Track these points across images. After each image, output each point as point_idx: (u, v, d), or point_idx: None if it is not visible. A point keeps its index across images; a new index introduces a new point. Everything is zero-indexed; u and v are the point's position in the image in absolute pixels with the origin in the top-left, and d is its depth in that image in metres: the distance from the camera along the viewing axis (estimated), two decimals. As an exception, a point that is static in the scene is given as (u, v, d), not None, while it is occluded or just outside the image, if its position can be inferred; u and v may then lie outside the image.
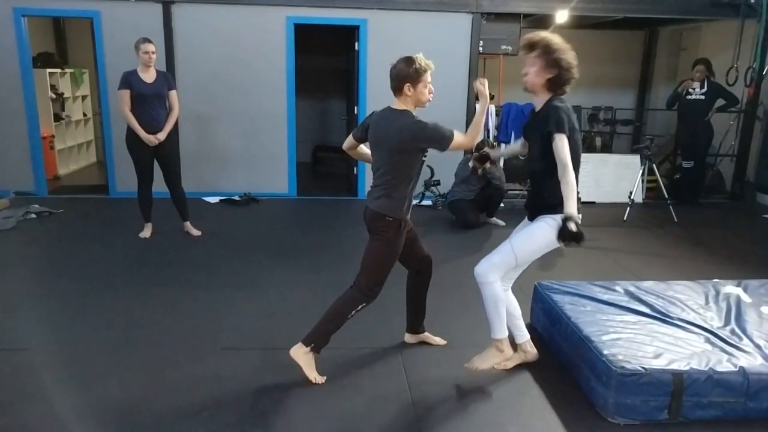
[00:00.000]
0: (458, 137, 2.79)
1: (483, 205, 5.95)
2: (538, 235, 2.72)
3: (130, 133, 4.93)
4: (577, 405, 2.74)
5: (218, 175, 6.84)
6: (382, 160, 2.86)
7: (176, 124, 5.15)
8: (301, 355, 2.87)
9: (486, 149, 5.83)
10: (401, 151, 2.79)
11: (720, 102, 6.94)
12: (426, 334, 3.32)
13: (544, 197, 2.71)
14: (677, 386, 2.53)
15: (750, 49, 6.84)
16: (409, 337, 3.32)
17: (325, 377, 2.89)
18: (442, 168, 6.29)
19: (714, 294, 3.46)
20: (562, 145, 2.54)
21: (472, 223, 5.84)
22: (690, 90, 6.94)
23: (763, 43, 6.77)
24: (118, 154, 6.26)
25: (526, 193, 7.08)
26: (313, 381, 2.85)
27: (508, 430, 2.58)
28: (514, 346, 3.03)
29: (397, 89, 2.82)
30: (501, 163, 6.91)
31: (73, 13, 6.64)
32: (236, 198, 6.65)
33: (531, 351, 3.09)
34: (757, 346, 2.80)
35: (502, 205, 6.22)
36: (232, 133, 6.79)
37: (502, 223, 6.00)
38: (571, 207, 2.49)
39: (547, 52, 2.63)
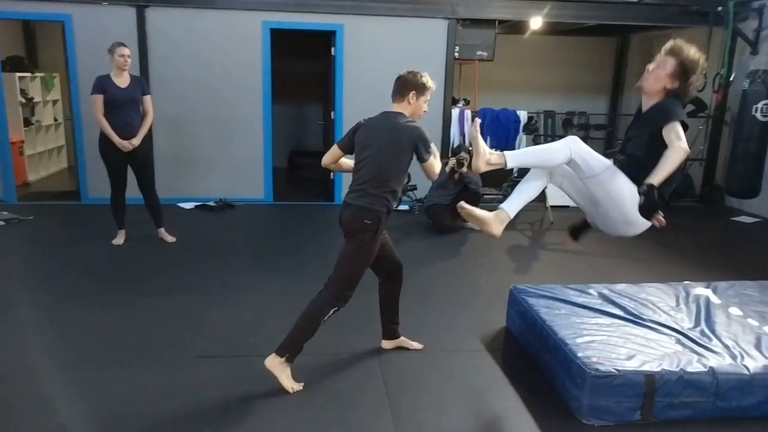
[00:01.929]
0: (435, 157, 2.94)
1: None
2: (623, 182, 2.55)
3: (104, 139, 4.86)
4: (552, 407, 2.77)
5: (193, 181, 6.78)
6: (372, 158, 2.87)
7: (150, 130, 5.09)
8: (276, 365, 2.85)
9: (463, 154, 5.92)
10: (395, 147, 2.84)
11: (689, 107, 7.09)
12: (402, 338, 3.32)
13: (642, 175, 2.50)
14: (649, 387, 2.58)
15: (717, 56, 7.01)
16: (385, 343, 3.33)
17: (302, 384, 2.87)
18: (419, 173, 6.28)
19: (684, 296, 3.54)
20: (677, 130, 2.42)
21: (448, 227, 5.87)
22: (660, 96, 7.07)
23: (730, 51, 6.95)
24: (90, 160, 6.16)
25: (502, 197, 7.14)
26: (290, 390, 2.83)
27: (486, 433, 2.60)
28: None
29: (401, 94, 2.95)
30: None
31: (43, 17, 6.53)
32: (212, 204, 6.59)
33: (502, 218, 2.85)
34: (726, 347, 2.87)
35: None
36: (208, 139, 6.73)
37: (478, 228, 6.02)
38: (658, 177, 2.37)
39: (682, 67, 2.57)
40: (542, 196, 6.60)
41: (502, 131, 7.04)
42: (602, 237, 6.04)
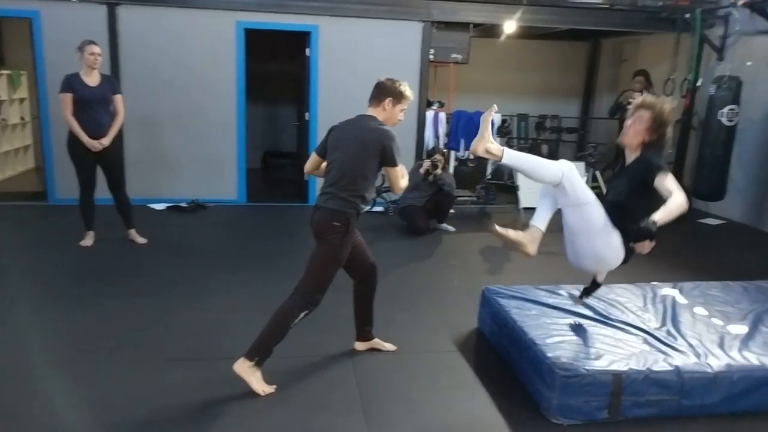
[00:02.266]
0: (400, 172, 2.94)
1: (433, 212, 6.02)
2: (602, 219, 2.67)
3: (72, 138, 4.77)
4: (522, 407, 2.81)
5: (165, 182, 6.69)
6: (340, 160, 2.88)
7: (121, 129, 5.01)
8: (245, 369, 2.82)
9: (437, 156, 5.95)
10: (362, 150, 2.84)
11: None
12: (376, 340, 3.33)
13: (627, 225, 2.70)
14: (616, 386, 2.62)
15: (685, 61, 7.16)
16: (359, 345, 3.33)
17: (274, 387, 2.86)
18: (393, 174, 6.33)
19: (651, 296, 3.61)
20: (670, 180, 2.66)
21: (422, 229, 5.90)
22: (631, 100, 7.19)
23: (697, 57, 7.11)
24: (59, 160, 6.03)
25: (475, 199, 7.21)
26: (261, 393, 2.81)
27: (457, 433, 2.62)
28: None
29: (377, 99, 2.96)
30: (451, 170, 7.02)
31: (10, 13, 6.37)
32: (183, 205, 6.51)
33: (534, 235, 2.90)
34: (691, 346, 2.94)
35: (452, 211, 6.32)
36: (180, 139, 6.65)
37: (452, 229, 6.08)
38: (662, 217, 2.56)
39: (657, 121, 2.73)
40: (515, 198, 6.69)
41: (476, 133, 7.05)
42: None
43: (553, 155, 8.50)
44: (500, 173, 7.38)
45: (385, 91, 2.95)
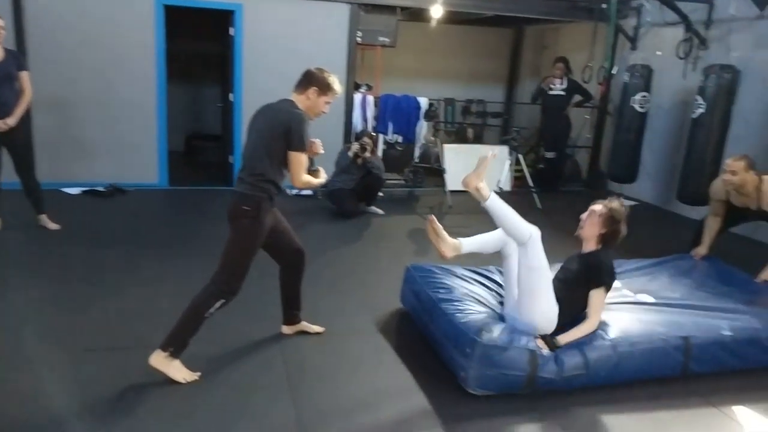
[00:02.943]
0: (303, 160, 2.82)
1: (362, 195, 6.03)
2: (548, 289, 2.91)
3: (-27, 118, 4.43)
4: (442, 381, 2.89)
5: (79, 165, 6.33)
6: (250, 143, 2.83)
7: (28, 109, 4.69)
8: (161, 361, 2.74)
9: (366, 139, 5.94)
10: (269, 132, 2.77)
11: (577, 97, 7.54)
12: (303, 323, 3.31)
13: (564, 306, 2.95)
14: (532, 363, 2.73)
15: (602, 49, 7.48)
16: (286, 328, 3.30)
17: (198, 374, 2.79)
18: (322, 158, 6.25)
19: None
20: (601, 299, 2.95)
21: (351, 212, 5.90)
22: (551, 86, 7.47)
23: (612, 45, 7.43)
24: (-41, 141, 5.58)
25: (404, 182, 7.27)
26: (183, 381, 2.74)
27: (381, 410, 2.66)
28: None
29: (303, 87, 2.87)
30: (379, 153, 7.04)
31: None
32: (101, 189, 6.20)
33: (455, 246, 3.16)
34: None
35: (380, 194, 6.35)
36: (95, 120, 6.30)
37: (380, 211, 6.11)
38: (567, 339, 2.86)
39: (610, 219, 3.05)
40: (442, 182, 6.80)
41: (403, 117, 7.14)
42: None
43: (478, 139, 8.69)
44: (428, 157, 7.47)
45: (311, 80, 2.86)
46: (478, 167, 2.78)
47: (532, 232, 2.78)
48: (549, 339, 2.82)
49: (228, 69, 6.79)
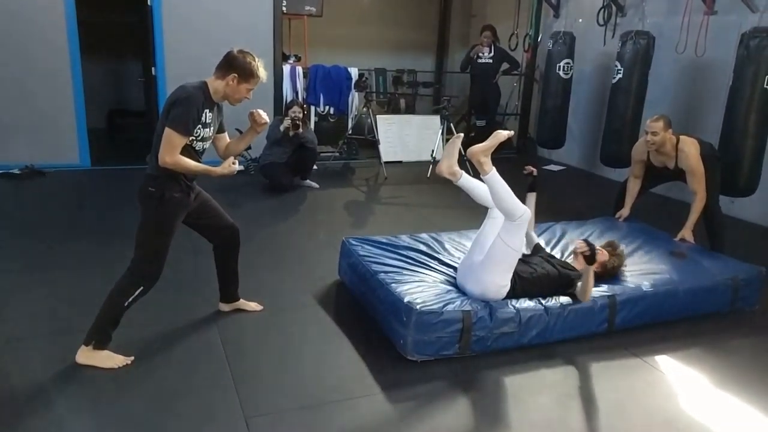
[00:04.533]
0: (173, 140, 2.55)
1: (296, 168, 5.95)
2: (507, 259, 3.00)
3: None
4: (381, 350, 2.93)
5: (-10, 146, 5.93)
6: (158, 123, 2.68)
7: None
8: (87, 355, 2.65)
9: (296, 108, 5.82)
10: (164, 114, 2.63)
11: (505, 65, 7.67)
12: (241, 301, 3.27)
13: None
14: (466, 323, 2.82)
15: (527, 17, 7.61)
16: (223, 306, 3.25)
17: (131, 358, 2.71)
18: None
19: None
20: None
21: (285, 186, 5.82)
22: (480, 54, 7.56)
23: (537, 13, 7.58)
24: None
25: (338, 154, 7.22)
26: (115, 367, 2.65)
27: (322, 380, 2.67)
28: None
29: (223, 72, 2.66)
30: (311, 125, 6.95)
31: None
32: (16, 171, 5.84)
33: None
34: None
35: (315, 167, 6.29)
36: (3, 96, 5.88)
37: (315, 185, 6.06)
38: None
39: (603, 265, 3.26)
40: (377, 153, 6.80)
41: (334, 87, 7.06)
42: (432, 189, 6.38)
43: (410, 109, 8.73)
44: (361, 128, 7.44)
45: (232, 65, 2.64)
46: (448, 152, 2.86)
47: (525, 211, 2.90)
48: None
49: (148, 41, 6.47)
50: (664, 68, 5.98)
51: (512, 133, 3.07)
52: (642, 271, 3.47)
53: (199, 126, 2.66)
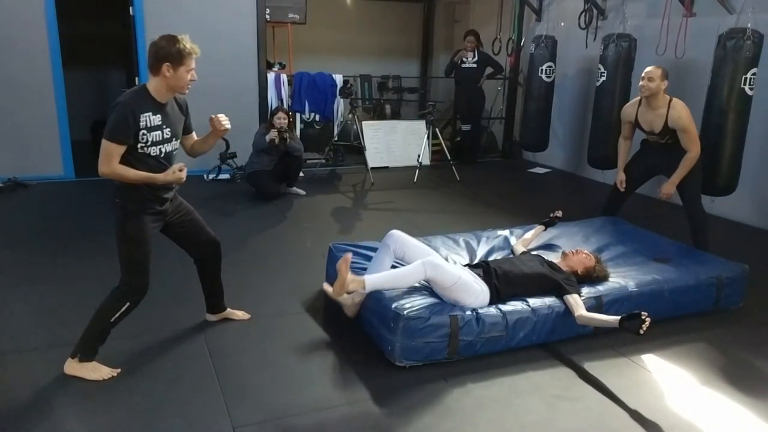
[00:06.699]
0: (109, 150, 2.57)
1: (282, 176, 5.94)
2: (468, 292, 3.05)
3: None
4: (370, 355, 2.93)
5: (-28, 159, 5.86)
6: None
7: None
8: (74, 367, 2.64)
9: (281, 116, 5.79)
10: None
11: (489, 70, 7.72)
12: (228, 310, 3.25)
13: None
14: (454, 327, 2.83)
15: (510, 22, 7.67)
16: (210, 316, 3.23)
17: (118, 369, 2.69)
18: (238, 139, 6.10)
19: (486, 239, 3.91)
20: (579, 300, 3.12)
21: (272, 193, 5.81)
22: (464, 59, 7.60)
23: (519, 17, 7.64)
24: None
25: (324, 161, 7.22)
26: (101, 379, 2.63)
27: (311, 388, 2.67)
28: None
29: (154, 68, 2.55)
30: (297, 132, 6.95)
31: None
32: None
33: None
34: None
35: (301, 174, 6.28)
36: (-15, 110, 5.84)
37: (302, 192, 6.05)
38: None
39: (589, 271, 3.35)
40: (363, 159, 6.80)
41: (319, 95, 7.06)
42: (419, 194, 6.39)
43: (396, 115, 8.75)
44: (347, 134, 7.45)
45: (159, 55, 2.51)
46: (340, 275, 2.83)
47: (425, 270, 2.89)
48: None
49: (132, 51, 6.44)
50: (646, 70, 6.03)
51: (350, 255, 2.93)
52: (627, 272, 3.50)
53: (143, 131, 2.56)
